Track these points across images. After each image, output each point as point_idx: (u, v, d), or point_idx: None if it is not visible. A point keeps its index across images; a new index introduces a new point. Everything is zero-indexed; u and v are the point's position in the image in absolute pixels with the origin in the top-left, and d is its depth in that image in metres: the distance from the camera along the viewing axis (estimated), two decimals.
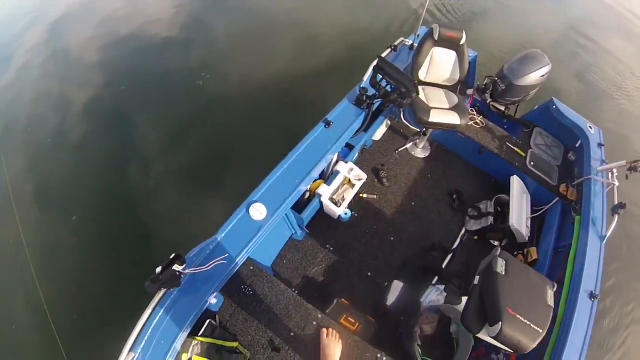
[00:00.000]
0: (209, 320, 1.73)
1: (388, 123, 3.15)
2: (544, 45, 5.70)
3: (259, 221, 1.85)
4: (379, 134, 3.08)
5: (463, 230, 2.78)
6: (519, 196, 2.71)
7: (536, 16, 6.53)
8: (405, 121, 2.84)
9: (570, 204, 2.57)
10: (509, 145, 2.85)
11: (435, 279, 2.50)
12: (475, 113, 2.96)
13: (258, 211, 1.86)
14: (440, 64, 2.69)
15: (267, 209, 1.88)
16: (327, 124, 2.25)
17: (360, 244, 2.59)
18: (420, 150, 3.12)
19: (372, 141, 3.09)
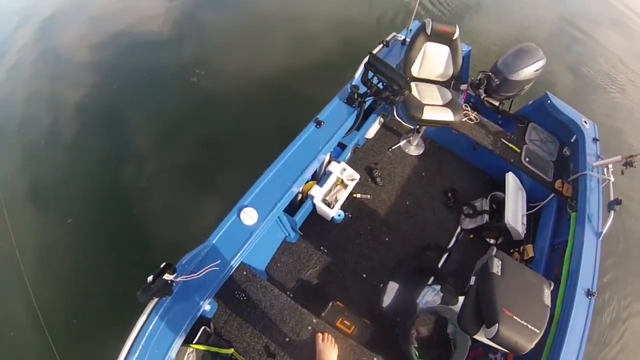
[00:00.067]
0: (204, 327, 1.70)
1: (381, 120, 3.10)
2: (539, 38, 5.71)
3: (250, 226, 1.81)
4: (371, 131, 3.03)
5: (458, 229, 2.75)
6: (514, 193, 2.68)
7: (530, 9, 6.51)
8: (398, 118, 2.79)
9: (565, 200, 2.55)
10: (504, 141, 2.82)
11: (431, 279, 2.47)
12: (469, 109, 2.93)
13: (249, 216, 1.82)
14: (433, 59, 2.65)
15: (258, 213, 1.85)
16: (318, 124, 2.20)
17: (354, 245, 2.56)
18: (414, 148, 3.09)
19: (365, 139, 3.04)
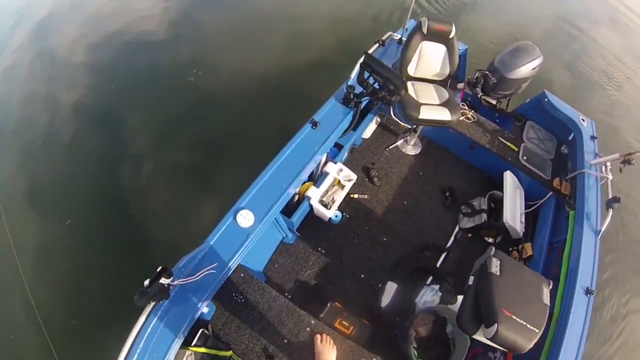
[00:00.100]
0: (202, 330, 1.70)
1: (378, 120, 3.09)
2: (536, 36, 5.69)
3: (246, 228, 1.80)
4: (368, 131, 3.02)
5: (456, 228, 2.75)
6: (512, 192, 2.67)
7: (527, 7, 6.50)
8: (395, 117, 2.78)
9: (564, 198, 2.54)
10: (501, 139, 2.81)
11: (430, 279, 2.47)
12: (466, 107, 2.91)
13: (245, 218, 1.81)
14: (429, 59, 2.63)
15: (255, 215, 1.83)
16: (314, 125, 2.18)
17: (352, 246, 2.55)
18: (411, 147, 3.07)
19: (362, 139, 3.02)
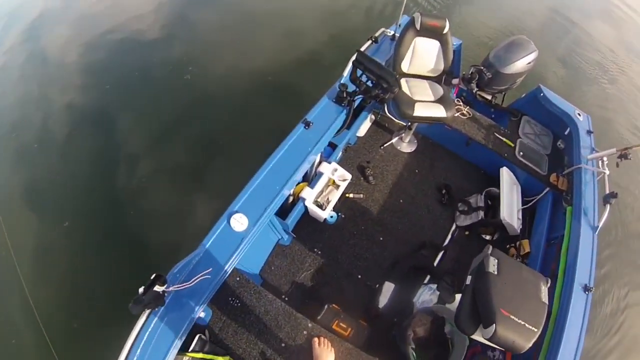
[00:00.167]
0: (199, 335, 1.68)
1: (372, 118, 3.06)
2: (531, 29, 5.69)
3: (240, 232, 1.77)
4: (362, 129, 2.98)
5: (453, 226, 2.72)
6: (509, 188, 2.65)
7: (521, 0, 6.47)
8: (389, 115, 2.74)
9: (561, 194, 2.52)
10: (497, 135, 2.79)
11: (427, 278, 2.44)
12: (461, 103, 2.89)
13: (239, 222, 1.78)
14: (423, 55, 2.60)
15: (249, 218, 1.81)
16: (307, 125, 2.14)
17: (348, 246, 2.52)
18: (406, 145, 3.04)
19: (356, 138, 2.99)
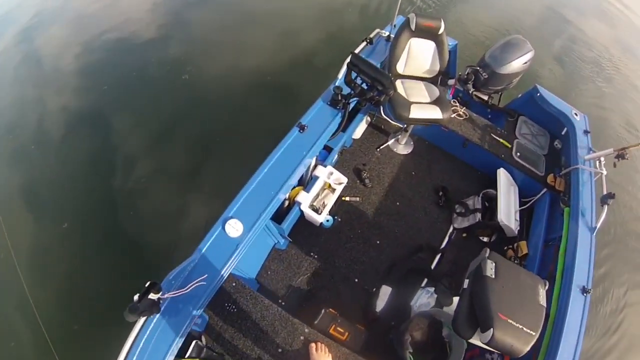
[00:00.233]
0: (195, 341, 1.67)
1: (368, 119, 3.03)
2: (527, 27, 5.67)
3: (235, 238, 1.76)
4: (358, 132, 2.96)
5: (451, 228, 2.70)
6: (506, 190, 2.63)
7: None
8: (385, 117, 2.72)
9: (558, 195, 2.51)
10: (494, 136, 2.77)
11: (425, 281, 2.43)
12: (457, 104, 2.87)
13: (234, 228, 1.76)
14: (418, 56, 2.58)
15: (243, 224, 1.79)
16: (302, 129, 2.12)
17: (345, 250, 2.50)
18: (403, 147, 3.02)
19: (352, 140, 2.97)
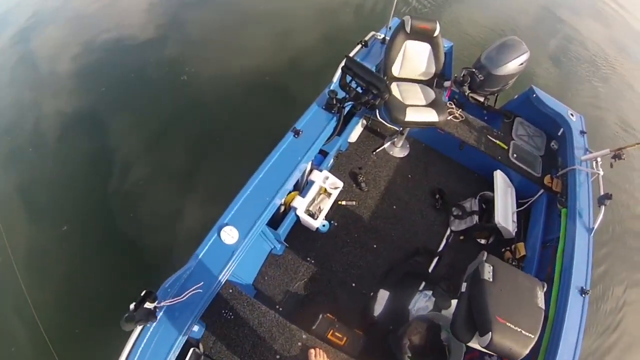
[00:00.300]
0: (193, 349, 1.67)
1: (363, 123, 3.02)
2: (522, 27, 5.70)
3: (231, 245, 1.74)
4: (354, 135, 2.95)
5: (448, 231, 2.69)
6: (503, 191, 2.63)
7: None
8: (381, 119, 2.71)
9: (555, 196, 2.50)
10: (490, 138, 2.77)
11: (422, 285, 2.41)
12: (453, 106, 2.86)
13: (229, 235, 1.75)
14: (414, 58, 2.57)
15: (239, 231, 1.77)
16: (296, 133, 2.10)
17: (342, 254, 2.48)
18: (399, 150, 3.01)
19: (348, 143, 2.95)
